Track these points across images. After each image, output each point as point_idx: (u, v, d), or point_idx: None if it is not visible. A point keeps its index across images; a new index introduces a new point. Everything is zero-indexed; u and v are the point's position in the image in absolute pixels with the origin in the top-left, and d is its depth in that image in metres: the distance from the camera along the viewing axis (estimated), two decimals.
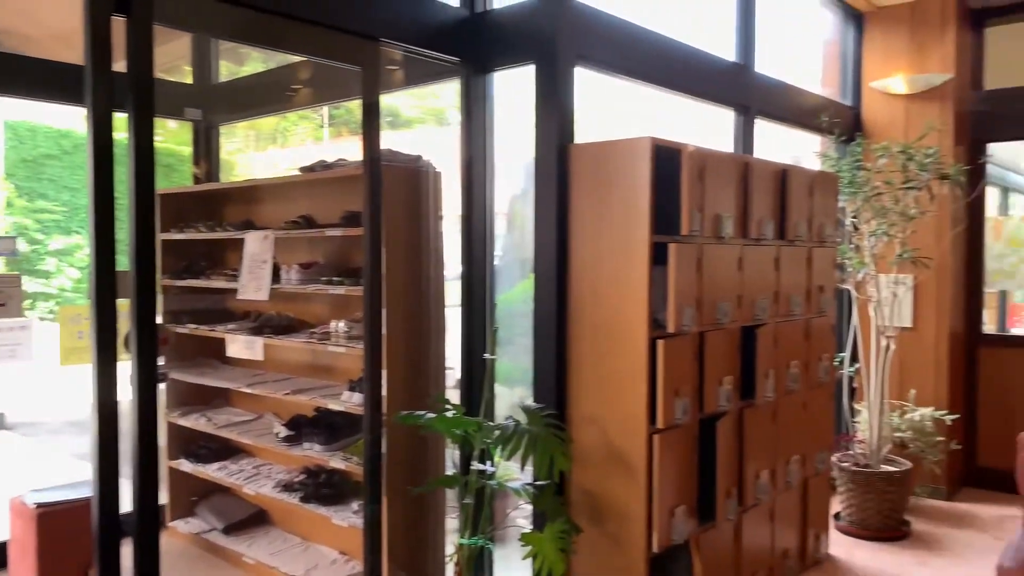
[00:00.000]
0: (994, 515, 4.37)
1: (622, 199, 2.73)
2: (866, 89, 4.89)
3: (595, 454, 2.83)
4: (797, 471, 3.47)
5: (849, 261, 4.30)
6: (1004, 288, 5.24)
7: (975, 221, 4.83)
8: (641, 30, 3.34)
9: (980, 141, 4.81)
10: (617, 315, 2.75)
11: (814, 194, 3.51)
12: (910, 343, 4.68)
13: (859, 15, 4.89)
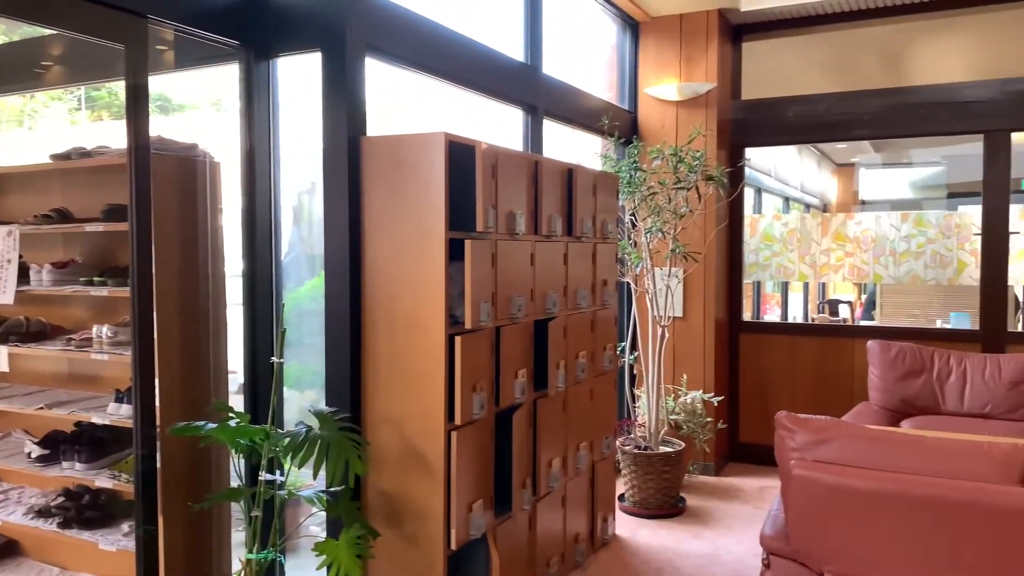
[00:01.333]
0: (756, 487, 4.85)
1: (417, 194, 2.68)
2: (642, 95, 5.22)
3: (392, 455, 2.77)
4: (586, 457, 3.62)
5: (628, 256, 4.57)
6: (759, 279, 5.83)
7: (735, 219, 5.33)
8: (434, 24, 3.31)
9: (739, 146, 5.31)
10: (413, 312, 2.71)
11: (597, 193, 3.68)
12: (682, 331, 5.08)
13: (635, 24, 5.20)
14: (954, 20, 4.82)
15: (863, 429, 2.68)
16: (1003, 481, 2.35)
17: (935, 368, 4.49)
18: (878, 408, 4.56)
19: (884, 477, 2.47)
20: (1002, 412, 4.35)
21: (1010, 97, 4.62)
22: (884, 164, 10.63)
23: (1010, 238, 4.71)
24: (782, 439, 2.68)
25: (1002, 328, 4.74)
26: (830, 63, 5.17)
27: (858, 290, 9.12)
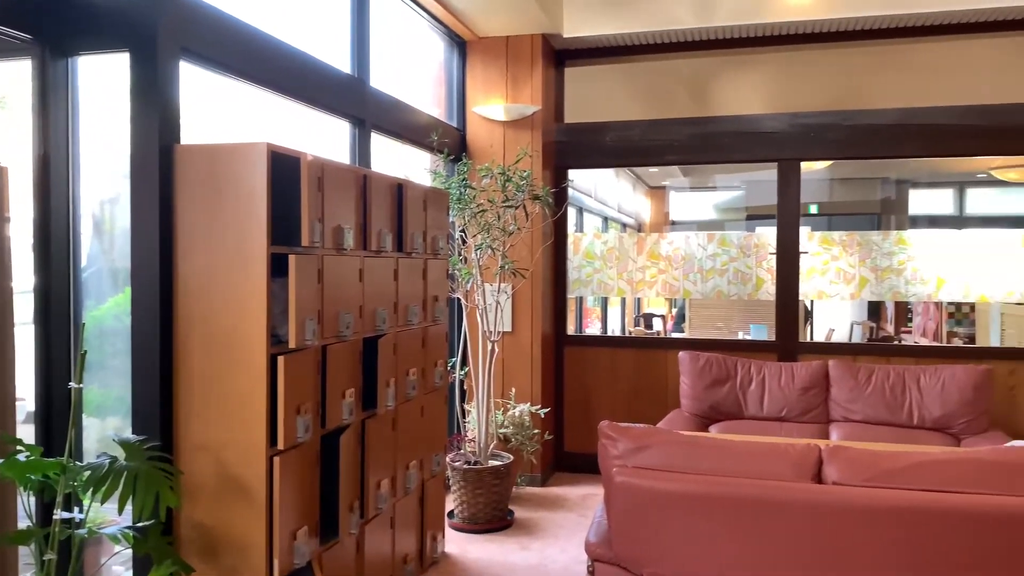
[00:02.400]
0: (580, 495, 5.01)
1: (237, 207, 2.55)
2: (470, 113, 5.29)
3: (209, 484, 2.59)
4: (416, 476, 3.58)
5: (459, 272, 4.60)
6: (581, 295, 6.06)
7: (560, 237, 5.52)
8: (255, 30, 3.17)
9: (563, 167, 5.51)
10: (233, 332, 2.56)
11: (428, 209, 3.67)
12: (511, 346, 5.17)
13: (463, 43, 5.27)
14: (752, 57, 5.29)
15: (678, 435, 2.84)
16: (799, 479, 2.57)
17: (738, 376, 4.87)
18: (689, 415, 4.86)
19: (696, 480, 2.63)
20: (796, 415, 4.78)
21: (799, 129, 5.12)
22: (692, 187, 11.47)
23: (800, 257, 5.21)
24: (604, 447, 2.79)
25: (795, 339, 5.23)
26: (645, 92, 5.50)
27: (669, 304, 9.74)
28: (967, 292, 5.05)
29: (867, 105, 5.04)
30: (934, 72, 4.98)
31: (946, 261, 5.04)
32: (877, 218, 10.88)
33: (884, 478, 2.50)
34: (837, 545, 2.45)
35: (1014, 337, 6.04)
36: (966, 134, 4.88)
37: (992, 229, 5.14)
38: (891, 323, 8.99)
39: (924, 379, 4.64)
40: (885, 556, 2.41)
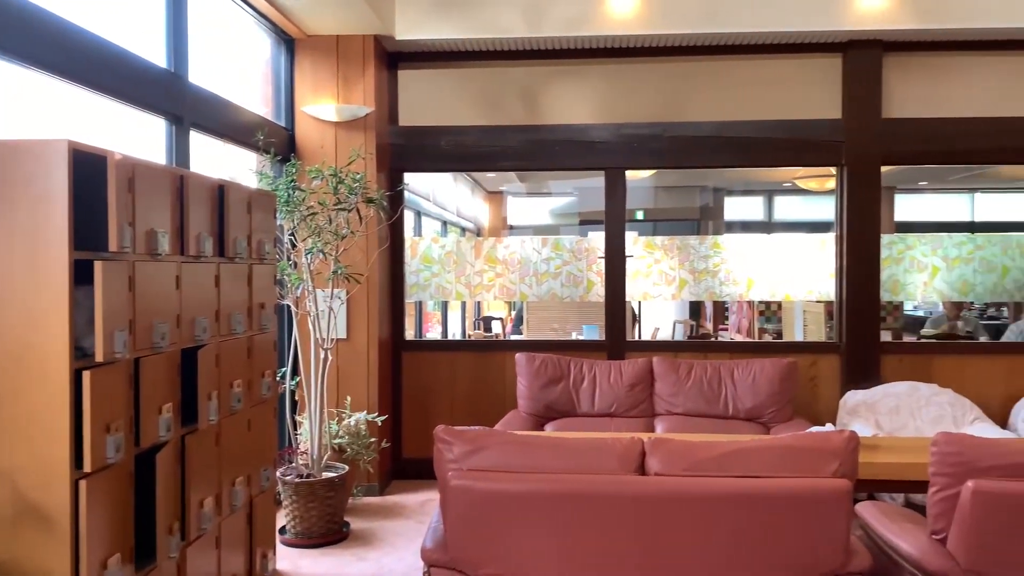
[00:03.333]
0: (419, 501, 4.98)
1: (33, 209, 2.31)
2: (299, 112, 5.13)
3: (3, 514, 2.34)
4: (243, 492, 3.41)
5: (288, 277, 4.44)
6: (420, 299, 6.03)
7: (396, 241, 5.46)
8: (54, 16, 2.90)
9: (398, 170, 5.47)
10: (28, 345, 2.32)
11: (253, 211, 3.51)
12: (346, 353, 5.05)
13: (291, 40, 5.10)
14: (582, 68, 5.48)
15: (512, 435, 2.88)
16: (624, 471, 2.68)
17: (571, 375, 5.03)
18: (526, 415, 4.97)
19: (529, 478, 2.68)
20: (624, 410, 5.00)
21: (624, 140, 5.37)
22: (528, 193, 11.74)
23: (627, 261, 5.46)
24: (440, 452, 2.78)
25: (623, 338, 5.47)
26: (480, 97, 5.56)
27: (508, 307, 9.91)
28: (773, 292, 5.50)
29: (686, 118, 5.38)
30: (745, 88, 5.38)
31: (755, 263, 5.46)
32: (697, 223, 11.64)
33: (700, 467, 2.65)
34: (662, 532, 2.58)
35: (815, 332, 6.64)
36: (772, 147, 5.32)
37: (796, 234, 5.64)
38: (710, 321, 9.63)
39: (737, 373, 5.00)
40: (704, 539, 2.57)
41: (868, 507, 3.16)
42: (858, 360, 5.26)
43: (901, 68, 5.31)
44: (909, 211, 11.91)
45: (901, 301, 6.67)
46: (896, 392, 5.03)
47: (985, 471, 2.58)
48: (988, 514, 2.54)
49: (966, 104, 5.31)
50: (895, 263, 5.45)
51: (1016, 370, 5.32)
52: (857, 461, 2.66)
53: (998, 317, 9.98)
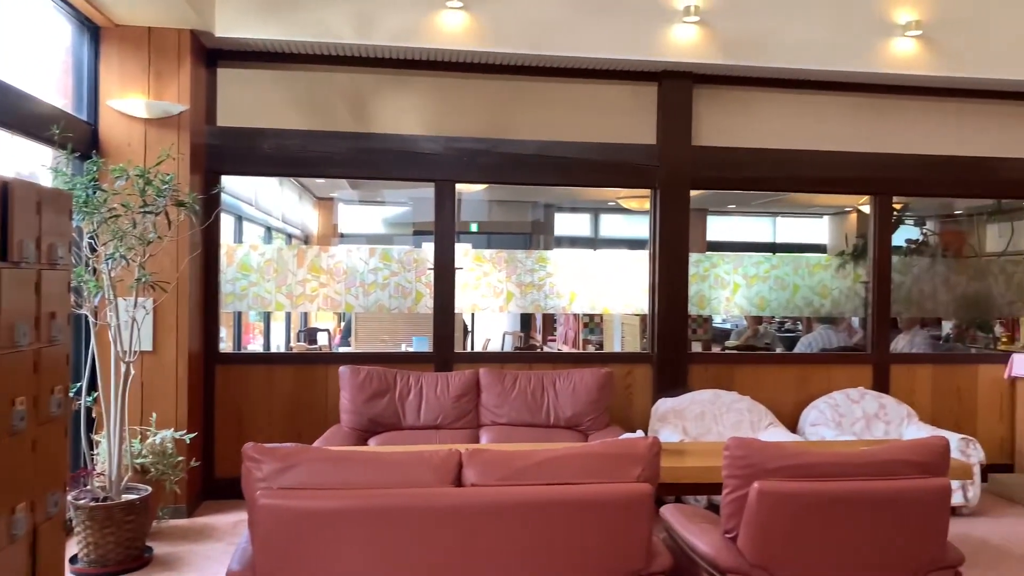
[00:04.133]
0: (231, 522, 4.72)
1: None
2: (104, 107, 4.75)
3: None
4: (25, 520, 3.08)
5: (86, 285, 4.08)
6: (238, 310, 5.75)
7: (211, 247, 5.18)
8: None
9: (215, 172, 5.18)
10: None
11: (44, 212, 3.19)
12: (152, 367, 4.72)
13: (96, 29, 4.72)
14: (412, 79, 5.47)
15: (325, 451, 2.81)
16: (440, 484, 2.68)
17: (397, 388, 4.98)
18: (349, 429, 4.85)
19: (343, 495, 2.61)
20: (451, 422, 5.01)
21: (454, 153, 5.40)
22: (361, 200, 11.54)
23: (456, 272, 5.49)
24: (249, 471, 2.65)
25: (451, 349, 5.49)
26: (306, 101, 5.40)
27: (338, 318, 9.67)
28: (593, 305, 5.73)
29: (514, 135, 5.50)
30: (569, 110, 5.58)
31: (577, 278, 5.67)
32: (529, 237, 11.94)
33: (515, 476, 2.70)
34: (478, 542, 2.59)
35: (632, 343, 6.98)
36: (593, 168, 5.55)
37: (615, 250, 5.92)
38: (540, 333, 9.89)
39: (559, 383, 5.16)
40: (518, 547, 2.61)
41: (671, 510, 3.35)
42: (668, 369, 5.58)
43: (710, 100, 5.72)
44: (720, 232, 12.84)
45: (710, 315, 7.16)
46: (701, 399, 5.39)
47: (770, 473, 2.80)
48: (771, 512, 2.76)
49: (765, 136, 5.80)
50: (701, 280, 5.85)
51: (805, 379, 5.85)
52: (659, 466, 2.81)
53: (794, 330, 10.96)
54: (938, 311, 6.58)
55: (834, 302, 6.06)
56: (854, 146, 5.87)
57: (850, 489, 2.73)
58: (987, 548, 4.50)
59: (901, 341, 7.08)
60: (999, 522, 5.01)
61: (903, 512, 2.77)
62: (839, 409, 5.55)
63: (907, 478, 2.78)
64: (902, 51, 5.53)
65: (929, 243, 8.32)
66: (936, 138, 5.99)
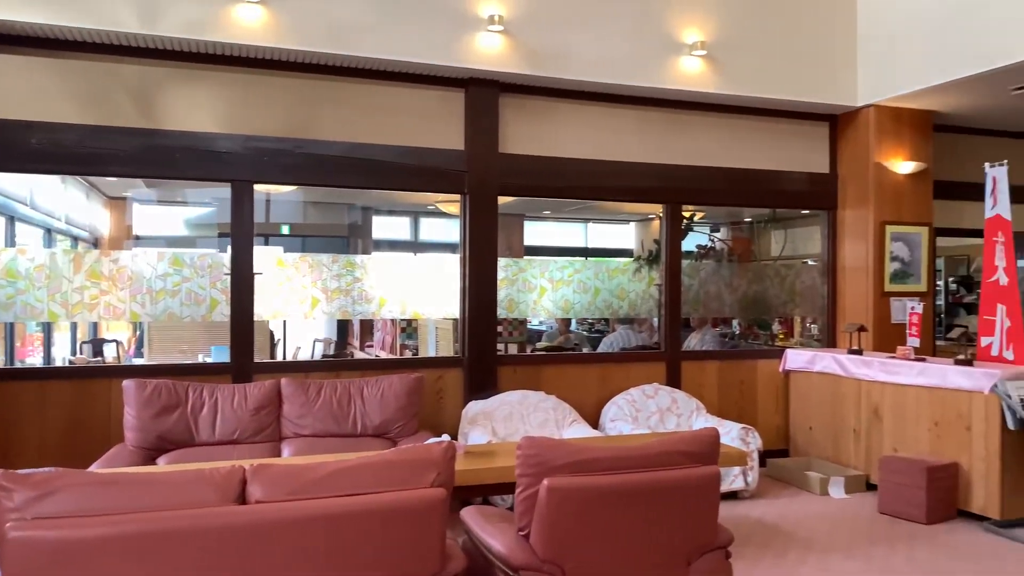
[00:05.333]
0: None
1: None
2: None
3: None
4: None
5: None
6: (5, 320, 5.17)
7: None
8: None
9: None
10: None
11: None
12: None
13: None
14: (206, 73, 5.17)
15: (91, 475, 2.57)
16: (223, 502, 2.54)
17: (189, 402, 4.68)
18: (134, 448, 4.50)
19: (114, 520, 2.40)
20: (249, 436, 4.78)
21: (254, 152, 5.18)
22: (159, 200, 10.77)
23: (256, 278, 5.25)
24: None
25: (250, 359, 5.24)
26: (87, 93, 4.95)
27: (133, 328, 8.97)
28: (404, 309, 5.70)
29: (317, 136, 5.35)
30: (378, 113, 5.50)
31: (388, 282, 5.61)
32: (346, 241, 11.69)
33: (304, 490, 2.61)
34: (267, 562, 2.48)
35: (445, 347, 7.01)
36: (402, 171, 5.52)
37: (430, 254, 5.92)
38: (357, 339, 9.71)
39: (367, 390, 5.07)
40: (307, 563, 2.52)
41: (470, 512, 3.38)
42: (479, 372, 5.66)
43: (516, 108, 5.87)
44: (537, 237, 13.23)
45: (525, 318, 7.34)
46: (510, 400, 5.51)
47: (559, 469, 2.90)
48: (559, 508, 2.86)
49: (569, 146, 6.03)
50: (510, 284, 5.98)
51: (607, 377, 6.15)
52: (454, 470, 2.83)
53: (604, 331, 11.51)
54: (724, 311, 7.15)
55: (631, 304, 6.42)
56: (648, 157, 6.25)
57: (630, 481, 2.89)
58: (763, 527, 4.94)
59: (694, 339, 7.63)
60: (774, 503, 5.51)
61: (678, 500, 2.96)
62: (636, 404, 5.88)
63: (681, 468, 2.98)
64: (689, 69, 5.96)
65: (716, 248, 9.04)
66: (721, 152, 6.51)
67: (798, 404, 6.55)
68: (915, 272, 6.60)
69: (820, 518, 5.15)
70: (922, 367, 5.39)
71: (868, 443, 5.81)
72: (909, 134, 6.59)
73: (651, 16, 5.88)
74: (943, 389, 5.20)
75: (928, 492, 4.98)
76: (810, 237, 7.36)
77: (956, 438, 5.11)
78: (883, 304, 6.53)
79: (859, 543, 4.64)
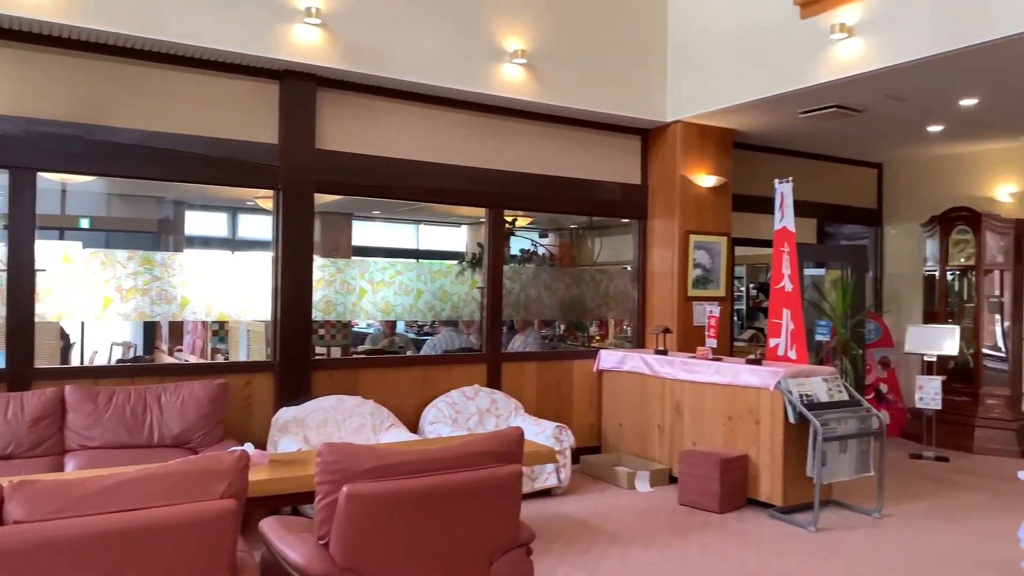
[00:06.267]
0: None
1: None
2: None
3: None
4: None
5: None
6: None
7: None
8: None
9: None
10: None
11: None
12: None
13: None
14: None
15: None
16: None
17: None
18: None
19: None
20: (26, 450, 4.34)
21: (36, 137, 4.70)
22: None
23: (38, 275, 4.76)
24: None
25: (29, 365, 4.73)
26: None
27: None
28: (210, 311, 5.38)
29: (112, 122, 4.94)
30: (182, 101, 5.14)
31: (197, 282, 5.27)
32: (157, 237, 10.91)
33: (74, 507, 2.38)
34: None
35: (258, 351, 6.70)
36: (207, 164, 5.21)
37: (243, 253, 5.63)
38: (166, 342, 9.07)
39: (165, 397, 4.74)
40: None
41: (269, 523, 3.23)
42: (291, 377, 5.45)
43: (335, 104, 5.71)
44: (366, 237, 12.99)
45: (349, 320, 7.15)
46: (324, 406, 5.35)
47: (360, 475, 2.83)
48: (360, 514, 2.79)
49: (391, 146, 5.95)
50: (327, 285, 5.81)
51: (428, 379, 6.12)
52: (247, 480, 2.69)
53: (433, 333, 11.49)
54: (545, 314, 7.34)
55: (454, 306, 6.43)
56: (472, 161, 6.30)
57: (432, 483, 2.87)
58: (573, 522, 5.10)
59: (518, 341, 7.78)
60: (585, 498, 5.71)
61: (480, 500, 2.98)
62: (456, 406, 5.90)
63: (484, 467, 3.00)
64: (510, 77, 6.07)
65: (539, 253, 9.29)
66: (542, 159, 6.68)
67: (610, 402, 6.84)
68: (715, 278, 7.09)
69: (626, 511, 5.39)
70: (718, 366, 5.80)
71: (671, 438, 6.16)
72: (712, 150, 7.08)
73: (473, 21, 5.93)
74: (736, 386, 5.61)
75: (721, 483, 5.35)
76: (627, 244, 7.72)
77: (746, 432, 5.54)
78: (687, 307, 6.96)
79: (659, 534, 4.90)
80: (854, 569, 4.34)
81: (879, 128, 7.19)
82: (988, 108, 6.38)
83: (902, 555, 4.58)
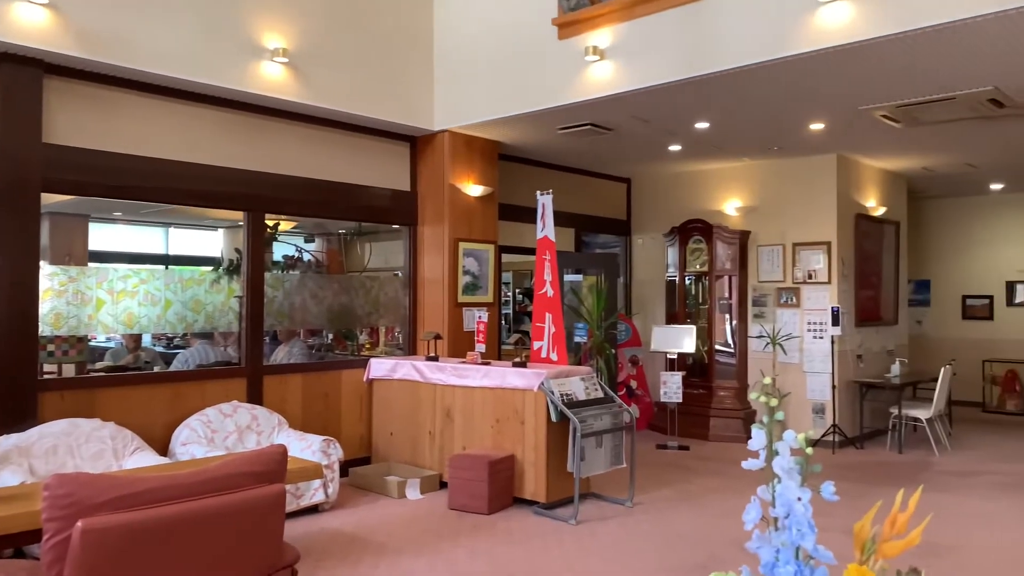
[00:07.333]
0: None
1: None
2: None
3: None
4: None
5: None
6: None
7: None
8: None
9: None
10: None
11: None
12: None
13: None
14: None
15: None
16: None
17: None
18: None
19: None
20: None
21: None
22: None
23: None
24: None
25: None
26: None
27: None
28: None
29: None
30: None
31: None
32: None
33: None
34: None
35: None
36: None
37: None
38: None
39: None
40: None
41: None
42: (11, 400, 4.76)
43: (68, 94, 5.10)
44: (106, 242, 11.74)
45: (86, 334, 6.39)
46: (54, 432, 4.74)
47: (98, 508, 2.52)
48: (98, 551, 2.48)
49: (135, 142, 5.42)
50: (58, 295, 5.16)
51: (180, 397, 5.64)
52: None
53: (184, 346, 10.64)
54: (311, 322, 7.08)
55: (208, 317, 5.99)
56: (229, 162, 5.92)
57: (183, 511, 2.62)
58: (342, 537, 4.95)
59: (281, 352, 7.43)
60: (355, 512, 5.57)
61: (239, 524, 2.78)
62: (212, 425, 5.50)
63: (243, 489, 2.80)
64: (270, 75, 5.79)
65: (304, 259, 8.96)
66: (307, 162, 6.44)
67: (381, 411, 6.75)
68: (483, 285, 7.26)
69: (396, 521, 5.34)
70: (487, 370, 5.94)
71: (442, 443, 6.20)
72: (479, 160, 7.25)
73: (230, 14, 5.58)
74: (503, 389, 5.77)
75: (489, 484, 5.47)
76: (397, 250, 7.67)
77: (513, 432, 5.71)
78: (457, 313, 7.06)
79: (428, 541, 4.90)
80: (611, 557, 4.63)
81: (628, 146, 7.79)
82: (717, 131, 7.16)
83: (652, 540, 4.96)
